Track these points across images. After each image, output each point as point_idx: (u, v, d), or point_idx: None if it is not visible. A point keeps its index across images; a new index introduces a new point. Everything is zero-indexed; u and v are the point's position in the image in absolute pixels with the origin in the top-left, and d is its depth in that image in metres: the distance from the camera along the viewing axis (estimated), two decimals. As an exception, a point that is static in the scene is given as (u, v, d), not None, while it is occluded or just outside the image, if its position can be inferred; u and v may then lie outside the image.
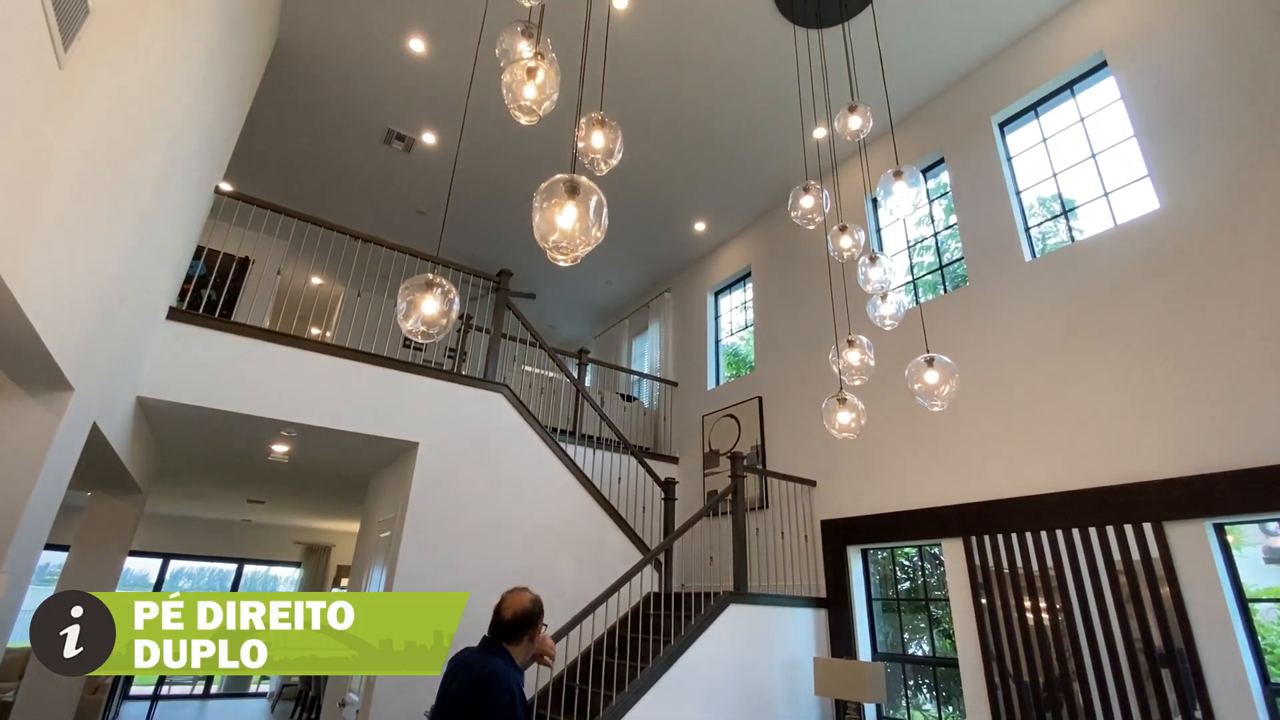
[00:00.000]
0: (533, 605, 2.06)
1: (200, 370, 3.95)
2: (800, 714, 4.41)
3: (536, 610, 2.06)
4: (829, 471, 5.17)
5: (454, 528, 4.55)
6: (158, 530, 9.77)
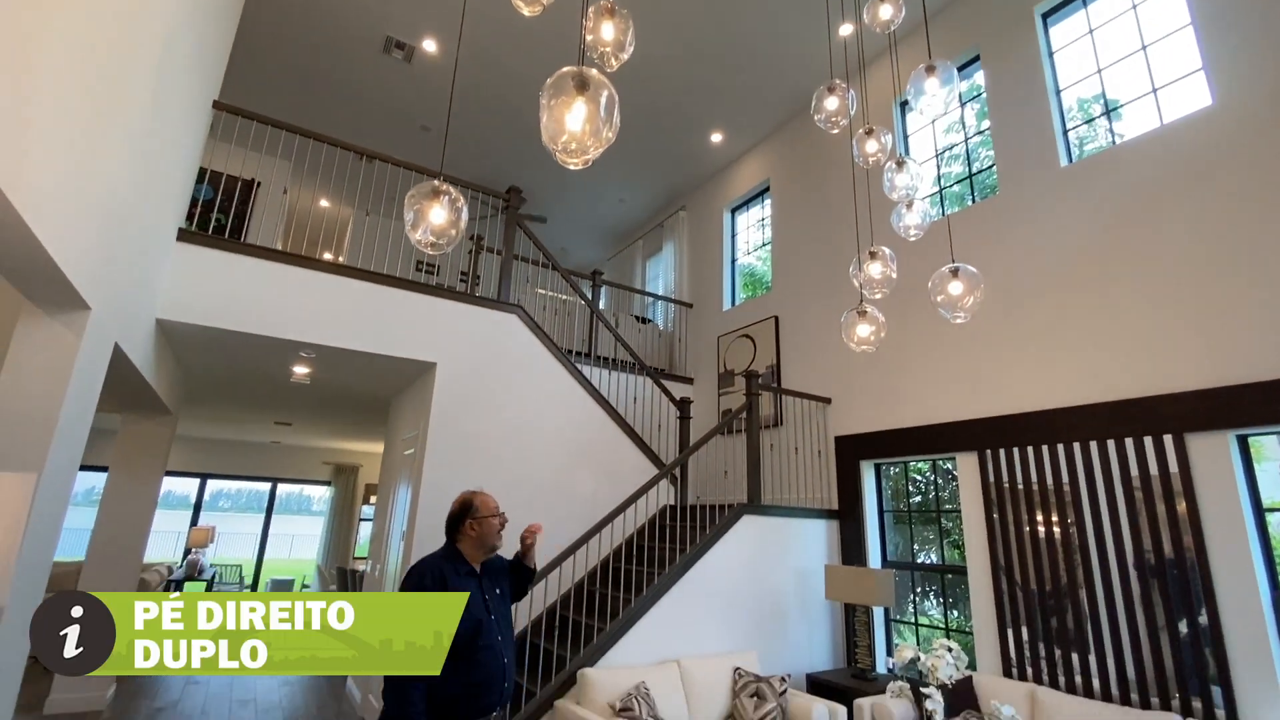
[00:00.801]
0: (462, 502, 2.14)
1: (216, 293, 3.95)
2: (811, 617, 4.62)
3: (466, 505, 2.13)
4: (844, 389, 5.16)
5: (474, 446, 4.66)
6: (193, 452, 10.19)
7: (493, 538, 2.14)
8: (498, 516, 2.15)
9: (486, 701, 1.92)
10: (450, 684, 1.84)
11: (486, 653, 1.95)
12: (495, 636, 1.99)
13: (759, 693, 3.70)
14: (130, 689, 5.20)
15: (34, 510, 2.28)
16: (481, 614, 1.98)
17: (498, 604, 2.09)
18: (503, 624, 2.05)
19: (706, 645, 4.08)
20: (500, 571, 2.24)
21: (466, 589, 1.99)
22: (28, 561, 2.34)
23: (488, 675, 1.92)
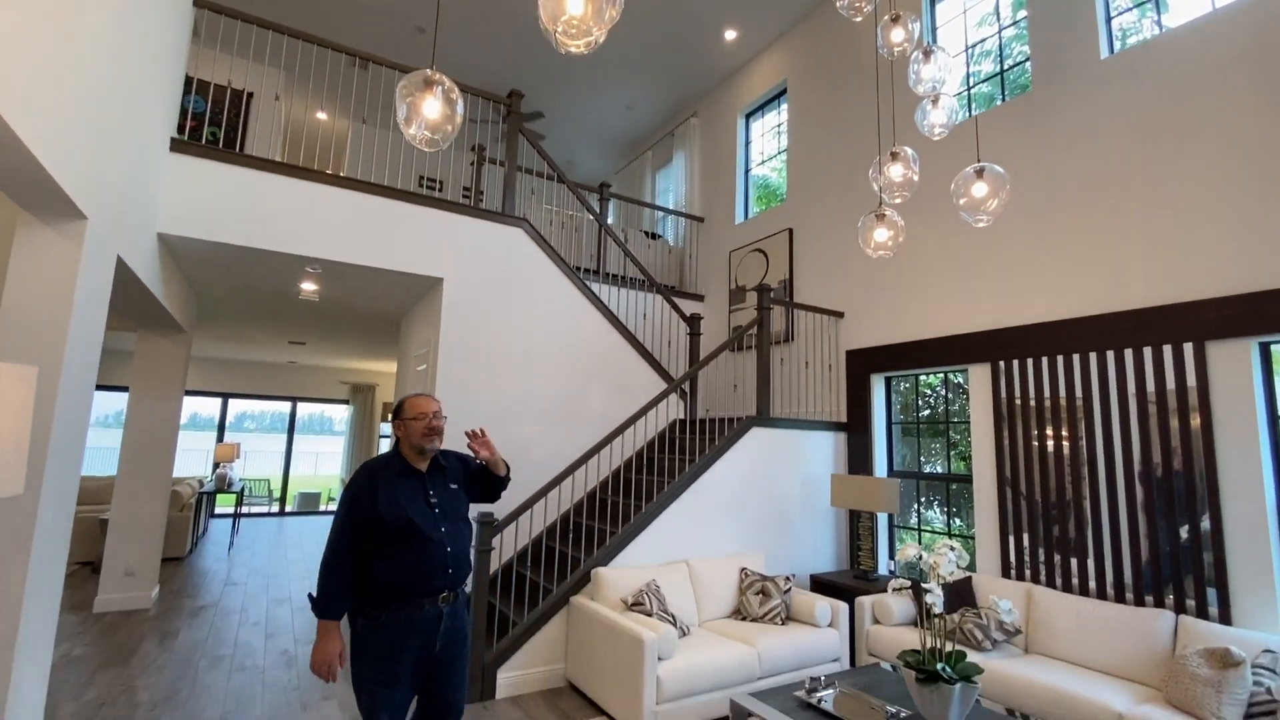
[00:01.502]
0: (396, 404, 2.25)
1: (217, 206, 3.88)
2: (816, 524, 4.77)
3: (398, 407, 2.23)
4: (857, 303, 5.08)
5: (485, 361, 4.69)
6: (213, 372, 10.40)
7: (417, 439, 2.18)
8: (421, 419, 2.18)
9: (428, 586, 2.08)
10: (390, 570, 2.05)
11: (423, 544, 2.08)
12: (438, 529, 2.13)
13: (764, 590, 3.87)
14: (172, 589, 5.55)
15: (57, 414, 2.33)
16: (416, 510, 2.11)
17: (446, 500, 2.22)
18: (449, 518, 2.18)
19: (715, 548, 4.25)
20: (457, 472, 2.33)
21: (399, 488, 2.13)
22: (57, 462, 2.41)
23: (426, 563, 2.08)
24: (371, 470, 2.16)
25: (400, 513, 2.08)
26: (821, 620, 3.74)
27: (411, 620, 2.05)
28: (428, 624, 2.07)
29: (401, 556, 2.06)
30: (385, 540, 2.05)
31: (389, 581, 2.04)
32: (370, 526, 2.06)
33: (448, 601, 2.12)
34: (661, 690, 3.00)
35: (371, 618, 2.04)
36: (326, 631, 2.02)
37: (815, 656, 3.63)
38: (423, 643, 2.07)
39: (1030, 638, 3.42)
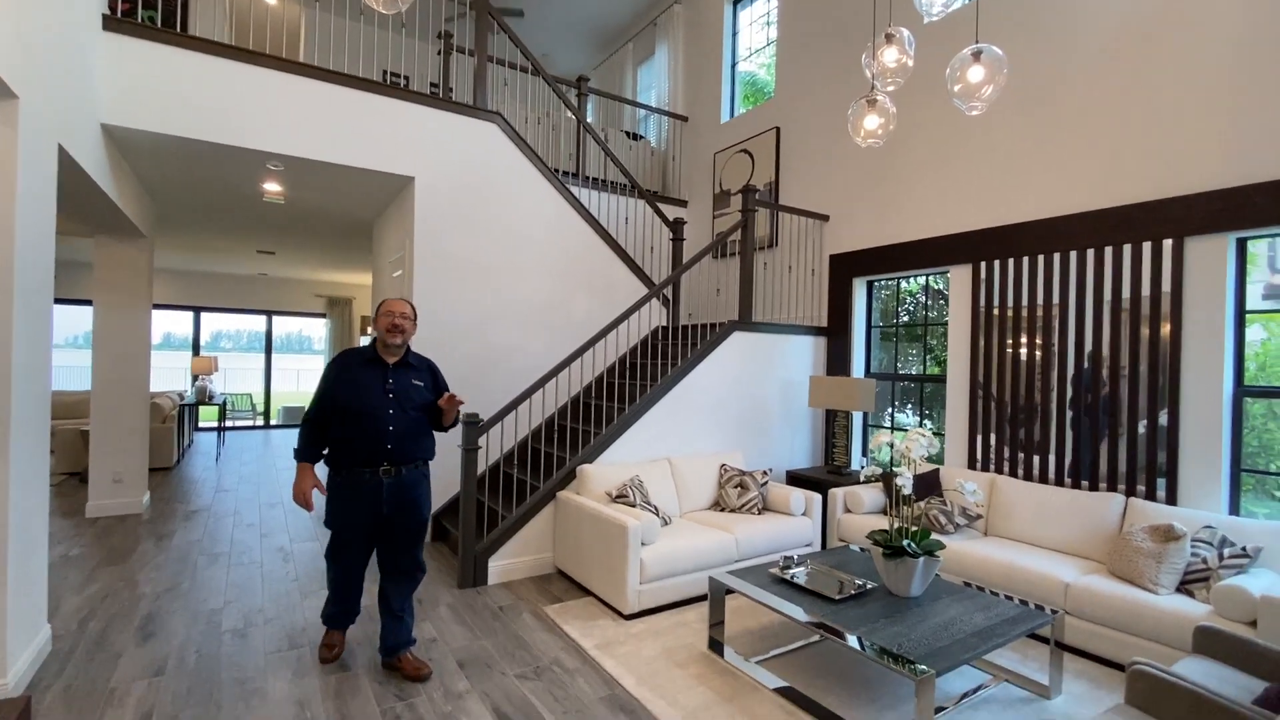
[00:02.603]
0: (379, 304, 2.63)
1: (164, 94, 3.60)
2: (793, 423, 4.92)
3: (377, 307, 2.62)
4: (843, 205, 4.99)
5: (463, 266, 4.58)
6: (182, 285, 10.10)
7: (382, 333, 2.56)
8: (387, 317, 2.55)
9: (367, 454, 2.49)
10: (339, 438, 2.51)
11: (368, 421, 2.49)
12: (386, 411, 2.51)
13: (742, 484, 4.03)
14: (163, 496, 5.64)
15: (16, 305, 2.25)
16: (369, 393, 2.51)
17: (404, 390, 2.58)
18: (401, 406, 2.55)
19: (696, 447, 4.38)
20: (425, 377, 2.69)
21: (362, 374, 2.55)
22: (23, 365, 2.36)
23: (367, 435, 2.48)
24: (346, 355, 2.60)
25: (353, 391, 2.50)
26: (796, 510, 3.94)
27: (356, 485, 2.50)
28: (371, 490, 2.50)
29: (349, 428, 2.49)
30: (340, 414, 2.49)
31: (338, 444, 2.51)
32: (333, 398, 2.50)
33: (389, 474, 2.51)
34: (644, 571, 3.18)
35: (330, 478, 2.55)
36: (302, 471, 2.53)
37: (789, 542, 3.84)
38: (368, 505, 2.51)
39: (990, 522, 3.64)
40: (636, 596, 3.17)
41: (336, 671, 2.61)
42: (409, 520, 2.59)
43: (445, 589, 3.55)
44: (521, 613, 3.26)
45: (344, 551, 2.61)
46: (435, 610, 3.26)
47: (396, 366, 2.60)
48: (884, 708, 2.37)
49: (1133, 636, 2.64)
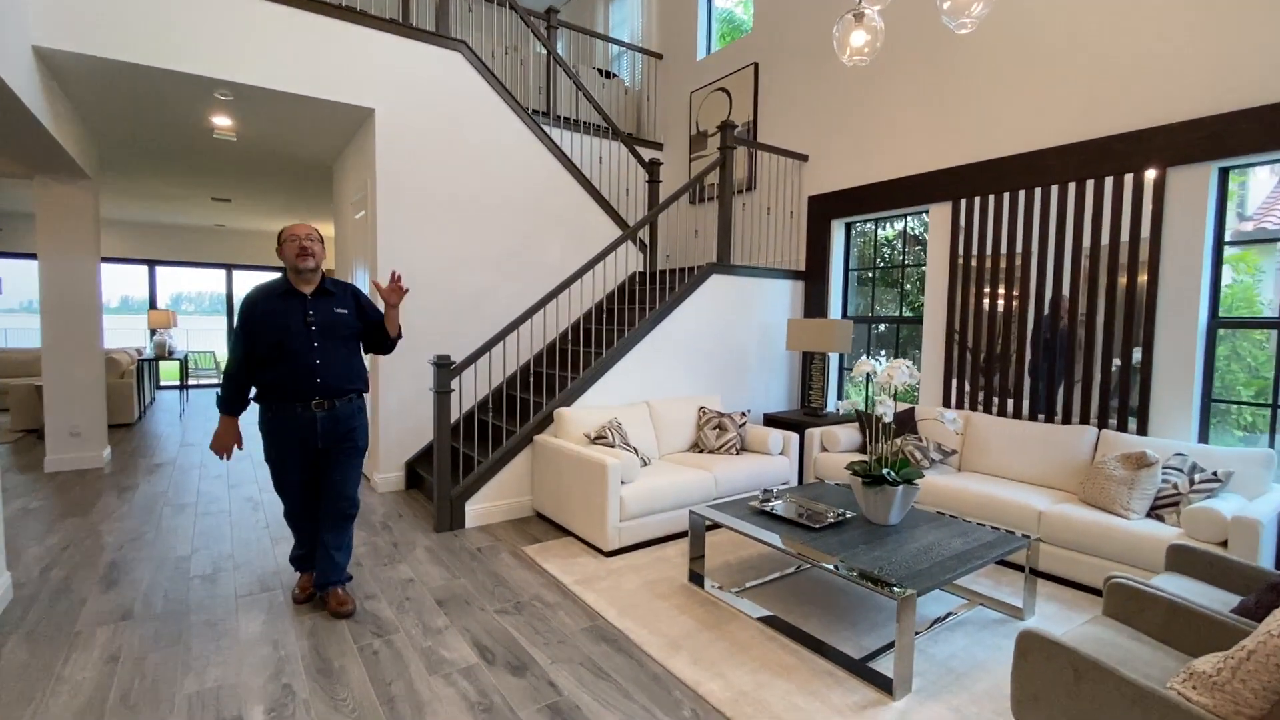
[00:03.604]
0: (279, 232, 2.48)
1: (101, 13, 3.29)
2: (771, 367, 4.90)
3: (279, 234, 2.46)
4: (822, 145, 4.87)
5: (429, 207, 4.39)
6: (135, 237, 9.61)
7: (291, 259, 2.42)
8: (293, 241, 2.42)
9: (297, 391, 2.42)
10: (265, 376, 2.42)
11: (293, 356, 2.40)
12: (309, 344, 2.42)
13: (720, 425, 4.02)
14: (125, 451, 5.45)
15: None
16: (290, 326, 2.40)
17: (325, 320, 2.46)
18: (326, 336, 2.46)
19: (675, 391, 4.34)
20: (348, 303, 2.55)
21: (279, 308, 2.42)
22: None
23: (294, 372, 2.40)
24: (258, 291, 2.45)
25: (272, 327, 2.38)
26: (774, 449, 3.95)
27: (287, 419, 2.44)
28: (303, 424, 2.45)
29: (275, 365, 2.40)
30: (263, 351, 2.39)
31: (266, 385, 2.43)
32: (253, 338, 2.39)
33: (322, 408, 2.46)
34: (624, 509, 3.16)
35: (261, 414, 2.48)
36: (225, 424, 2.47)
37: (767, 480, 3.86)
38: (301, 438, 2.46)
39: (965, 458, 3.69)
40: (617, 534, 3.16)
41: (311, 612, 2.56)
42: (344, 453, 2.53)
43: (422, 534, 3.50)
44: (500, 553, 3.23)
45: (286, 484, 2.55)
46: (412, 553, 3.21)
47: (315, 296, 2.47)
48: (863, 632, 2.41)
49: (1104, 560, 2.71)
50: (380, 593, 2.75)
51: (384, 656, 2.23)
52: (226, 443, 2.47)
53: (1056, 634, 1.46)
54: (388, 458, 4.34)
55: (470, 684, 2.07)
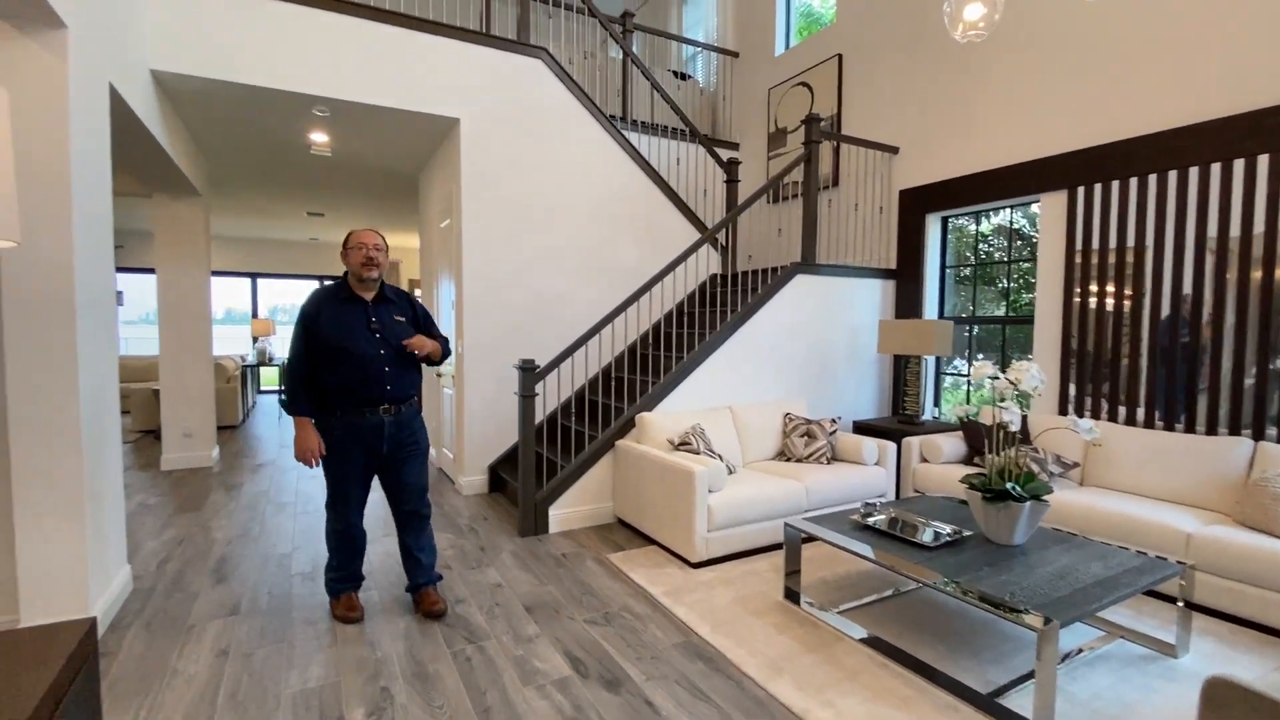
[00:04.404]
0: (345, 236, 2.48)
1: (209, 36, 3.50)
2: (860, 371, 4.65)
3: (345, 240, 2.45)
4: (914, 136, 4.59)
5: (510, 212, 4.42)
6: (239, 252, 10.34)
7: (357, 267, 2.42)
8: (360, 250, 2.42)
9: (365, 396, 2.42)
10: (332, 382, 2.40)
11: (361, 362, 2.40)
12: (375, 351, 2.43)
13: (809, 433, 3.82)
14: (231, 451, 5.80)
15: (76, 247, 2.20)
16: (356, 332, 2.41)
17: (387, 326, 2.48)
18: (388, 341, 2.46)
19: (758, 395, 4.18)
20: (404, 305, 2.58)
21: (343, 314, 2.43)
22: (85, 283, 2.32)
23: (357, 379, 2.40)
24: (320, 296, 2.44)
25: (339, 333, 2.38)
26: (868, 459, 3.71)
27: (355, 425, 2.42)
28: (370, 430, 2.44)
29: (342, 371, 2.38)
30: (329, 356, 2.38)
31: (333, 392, 2.40)
32: (317, 343, 2.38)
33: (389, 413, 2.47)
34: (712, 519, 3.03)
35: (324, 421, 2.43)
36: (301, 426, 2.40)
37: (862, 492, 3.63)
38: (368, 445, 2.45)
39: (1088, 471, 3.34)
40: (704, 544, 3.03)
41: (404, 615, 2.57)
42: (410, 456, 2.55)
43: (507, 537, 3.50)
44: (585, 560, 3.17)
45: (348, 499, 2.48)
46: (498, 557, 3.20)
47: (375, 302, 2.49)
48: (986, 663, 2.18)
49: (1272, 592, 2.35)
50: (470, 597, 2.74)
51: (477, 664, 2.20)
52: (312, 445, 2.39)
53: (1256, 684, 1.22)
54: (471, 461, 4.39)
55: (565, 698, 2.00)
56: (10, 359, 2.13)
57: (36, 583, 2.20)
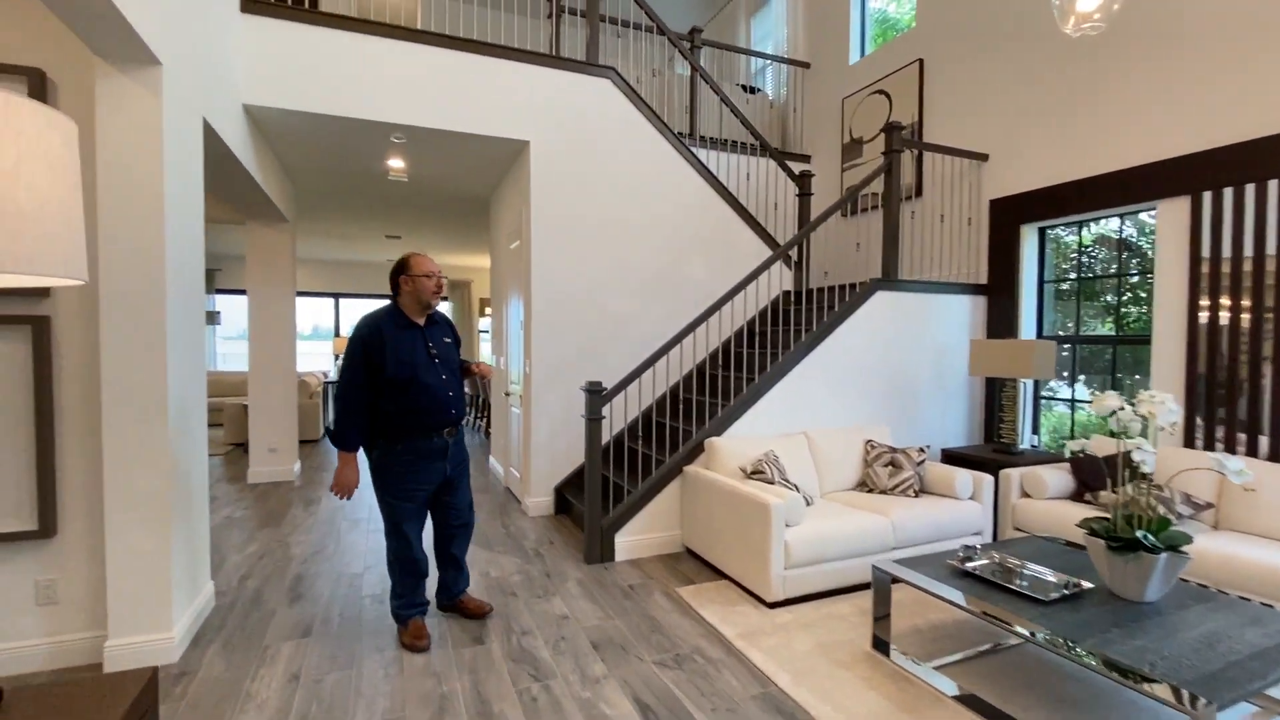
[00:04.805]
0: (400, 262, 2.46)
1: (297, 71, 3.66)
2: (947, 395, 4.32)
3: (403, 264, 2.45)
4: (1006, 142, 4.27)
5: (579, 231, 4.40)
6: (323, 274, 10.91)
7: (426, 295, 2.44)
8: (431, 278, 2.43)
9: (433, 421, 2.43)
10: (401, 409, 2.38)
11: (427, 388, 2.40)
12: (438, 376, 2.45)
13: (894, 462, 3.56)
14: (311, 465, 6.02)
15: (169, 272, 2.29)
16: (419, 359, 2.40)
17: (443, 351, 2.51)
18: (447, 366, 2.51)
19: (834, 421, 3.94)
20: (447, 327, 2.61)
21: (404, 340, 2.40)
22: (177, 313, 2.41)
23: (428, 403, 2.41)
24: (377, 323, 2.39)
25: (406, 360, 2.36)
26: (961, 493, 3.41)
27: (423, 450, 2.43)
28: (437, 453, 2.47)
29: (411, 398, 2.37)
30: (395, 384, 2.35)
31: (401, 418, 2.38)
32: (379, 372, 2.34)
33: (452, 435, 2.51)
34: (789, 555, 2.83)
35: (387, 449, 2.40)
36: (346, 461, 2.38)
37: (954, 529, 3.33)
38: (435, 467, 2.48)
39: (1223, 514, 2.93)
40: (781, 583, 2.84)
41: (470, 645, 2.51)
42: (464, 475, 2.64)
43: (573, 564, 3.41)
44: (653, 593, 3.03)
45: (411, 525, 2.49)
46: (564, 585, 3.12)
47: (428, 326, 2.53)
48: (1115, 738, 1.89)
49: None
50: (536, 629, 2.65)
51: (542, 704, 2.10)
52: (352, 480, 2.38)
53: None
54: (538, 483, 4.35)
55: (634, 751, 1.87)
56: (106, 380, 2.22)
57: (124, 600, 2.27)
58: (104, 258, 2.22)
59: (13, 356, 2.20)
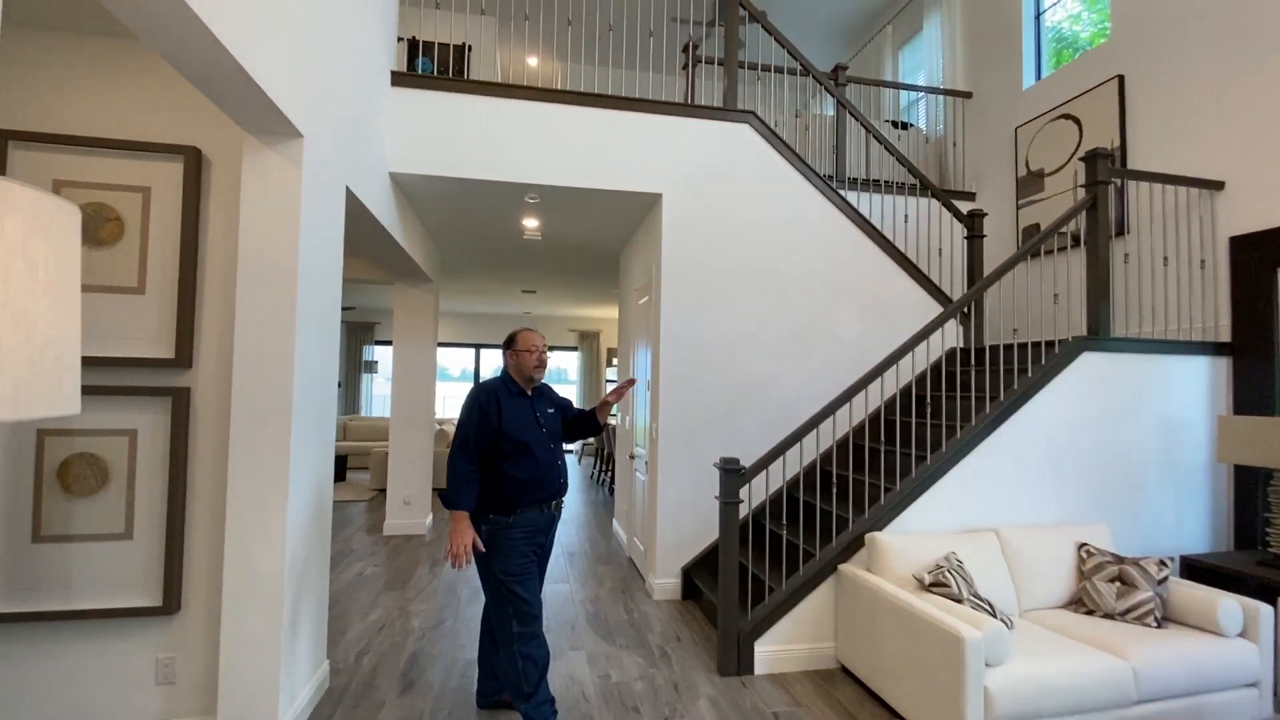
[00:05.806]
0: (509, 336, 2.50)
1: (438, 137, 3.74)
2: (1181, 485, 3.38)
3: (510, 339, 2.48)
4: (1249, 165, 3.37)
5: (713, 285, 4.07)
6: (464, 325, 11.55)
7: (528, 370, 2.44)
8: (533, 352, 2.44)
9: (544, 493, 2.37)
10: (520, 477, 2.31)
11: (539, 457, 2.35)
12: (547, 445, 2.41)
13: (1123, 576, 2.74)
14: (442, 518, 6.08)
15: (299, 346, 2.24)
16: (531, 427, 2.38)
17: (549, 420, 2.48)
18: (553, 436, 2.48)
19: (1030, 515, 3.18)
20: (550, 397, 2.59)
21: (516, 407, 2.39)
22: (305, 385, 2.35)
23: (542, 474, 2.36)
24: (493, 390, 2.40)
25: (521, 428, 2.35)
26: (1227, 627, 2.52)
27: (535, 521, 2.36)
28: (546, 524, 2.41)
29: (527, 467, 2.33)
30: (510, 452, 2.31)
31: (519, 487, 2.31)
32: (494, 438, 2.31)
33: (559, 507, 2.47)
34: (991, 707, 2.17)
35: (498, 521, 2.30)
36: (458, 520, 2.25)
37: (1218, 679, 2.45)
38: (541, 540, 2.40)
39: None
40: (979, 741, 2.17)
41: (585, 779, 2.12)
42: (552, 543, 2.54)
43: (704, 673, 2.93)
44: (803, 727, 2.48)
45: (536, 598, 2.32)
46: (695, 704, 2.65)
47: (535, 397, 2.51)
48: None
49: None
50: (661, 767, 2.21)
51: None
52: (467, 540, 2.22)
53: None
54: (664, 563, 3.94)
55: None
56: (234, 453, 2.17)
57: (234, 685, 2.16)
58: (239, 325, 2.20)
59: (154, 428, 2.22)
